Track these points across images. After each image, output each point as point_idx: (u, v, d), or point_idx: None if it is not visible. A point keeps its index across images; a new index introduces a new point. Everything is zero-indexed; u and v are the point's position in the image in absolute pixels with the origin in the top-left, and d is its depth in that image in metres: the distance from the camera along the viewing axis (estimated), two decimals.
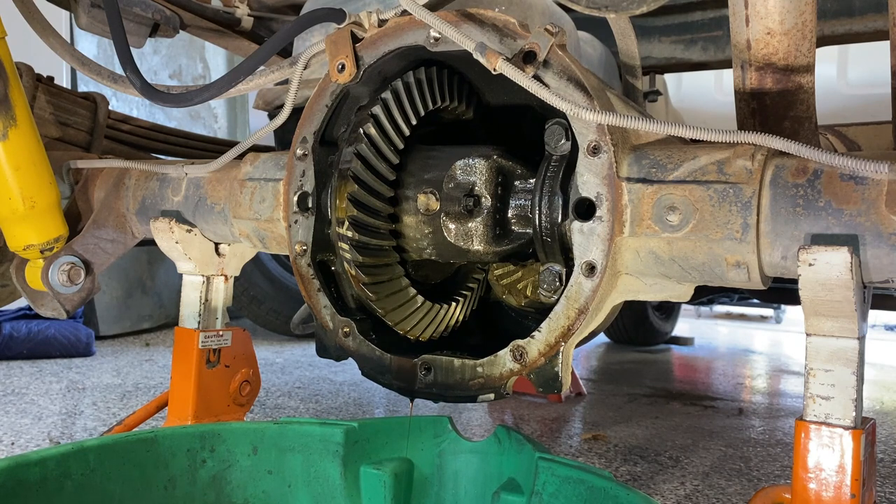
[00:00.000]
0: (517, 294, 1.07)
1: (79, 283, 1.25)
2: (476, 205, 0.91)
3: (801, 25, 0.88)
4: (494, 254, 0.93)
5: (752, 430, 2.24)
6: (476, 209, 0.91)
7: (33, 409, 2.09)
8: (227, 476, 0.99)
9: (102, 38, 3.31)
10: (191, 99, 1.02)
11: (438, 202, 0.92)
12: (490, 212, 0.91)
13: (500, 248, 0.92)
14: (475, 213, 0.91)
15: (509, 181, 0.93)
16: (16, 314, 2.96)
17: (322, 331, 1.03)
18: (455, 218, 0.91)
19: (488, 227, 0.91)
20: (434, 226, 0.93)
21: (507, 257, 0.95)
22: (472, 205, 0.90)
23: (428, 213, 0.93)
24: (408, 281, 0.97)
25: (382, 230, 0.95)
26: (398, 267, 0.97)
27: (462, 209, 0.90)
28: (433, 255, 0.95)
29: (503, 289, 1.09)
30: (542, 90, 0.79)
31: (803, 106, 0.94)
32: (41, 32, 1.35)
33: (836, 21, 1.90)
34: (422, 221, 0.93)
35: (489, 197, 0.91)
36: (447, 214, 0.91)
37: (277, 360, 3.16)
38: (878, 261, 0.73)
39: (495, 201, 0.91)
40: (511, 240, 0.93)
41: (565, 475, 0.90)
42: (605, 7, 1.10)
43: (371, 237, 0.93)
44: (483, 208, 0.91)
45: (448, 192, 0.91)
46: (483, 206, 0.91)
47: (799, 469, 0.77)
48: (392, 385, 0.98)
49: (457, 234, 0.92)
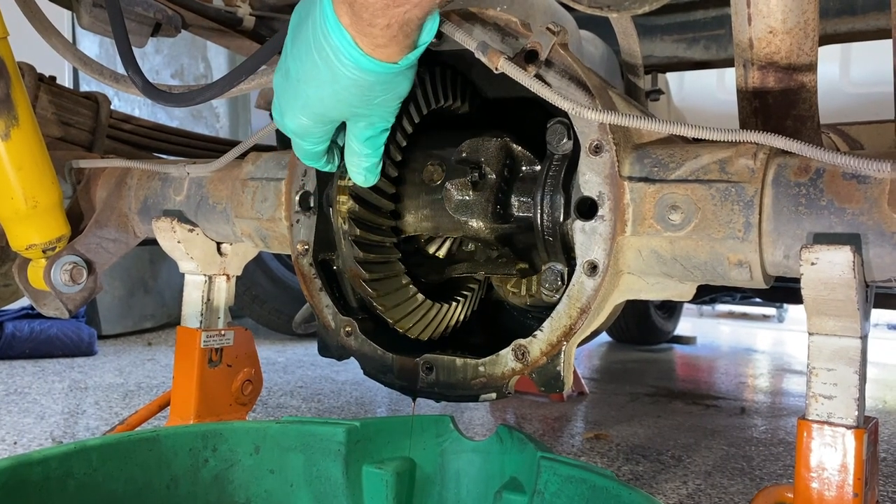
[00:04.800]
0: (519, 293, 1.07)
1: (81, 282, 1.26)
2: (481, 178, 0.91)
3: (803, 24, 0.88)
4: (492, 230, 0.92)
5: (754, 430, 2.24)
6: (481, 182, 0.91)
7: (36, 408, 2.10)
8: (229, 475, 0.99)
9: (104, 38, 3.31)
10: (193, 98, 1.01)
11: (444, 173, 0.92)
12: (493, 189, 0.90)
13: (498, 225, 0.91)
14: (479, 186, 0.91)
15: (517, 165, 0.93)
16: (18, 313, 2.96)
17: (324, 330, 1.03)
18: (458, 188, 0.91)
19: (490, 202, 0.90)
20: (435, 199, 0.93)
21: (503, 239, 0.94)
22: (477, 177, 0.90)
23: (432, 183, 0.92)
24: (409, 279, 0.97)
25: (384, 227, 0.95)
26: (399, 264, 0.96)
27: (467, 180, 0.90)
28: (430, 230, 0.95)
29: (505, 288, 1.09)
30: (544, 89, 0.79)
31: (806, 105, 0.94)
32: (43, 32, 1.35)
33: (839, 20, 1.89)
34: (423, 199, 0.93)
35: (495, 174, 0.90)
36: (451, 184, 0.91)
37: (279, 360, 3.17)
38: (881, 260, 0.73)
39: (500, 180, 0.91)
40: (510, 222, 0.92)
41: (567, 474, 0.90)
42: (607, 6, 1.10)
43: (371, 233, 0.93)
44: (487, 183, 0.90)
45: (454, 166, 0.91)
46: (488, 181, 0.91)
47: (801, 468, 0.77)
48: (394, 384, 0.98)
49: (457, 206, 0.91)
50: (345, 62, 0.71)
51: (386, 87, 0.75)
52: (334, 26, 0.69)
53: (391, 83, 0.75)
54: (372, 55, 0.70)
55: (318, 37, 0.71)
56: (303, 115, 0.79)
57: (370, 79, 0.72)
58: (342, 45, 0.70)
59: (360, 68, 0.71)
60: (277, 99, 0.81)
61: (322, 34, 0.70)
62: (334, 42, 0.70)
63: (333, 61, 0.71)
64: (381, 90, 0.75)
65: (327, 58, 0.71)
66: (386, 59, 0.71)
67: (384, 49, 0.70)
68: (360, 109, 0.77)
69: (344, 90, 0.74)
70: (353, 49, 0.70)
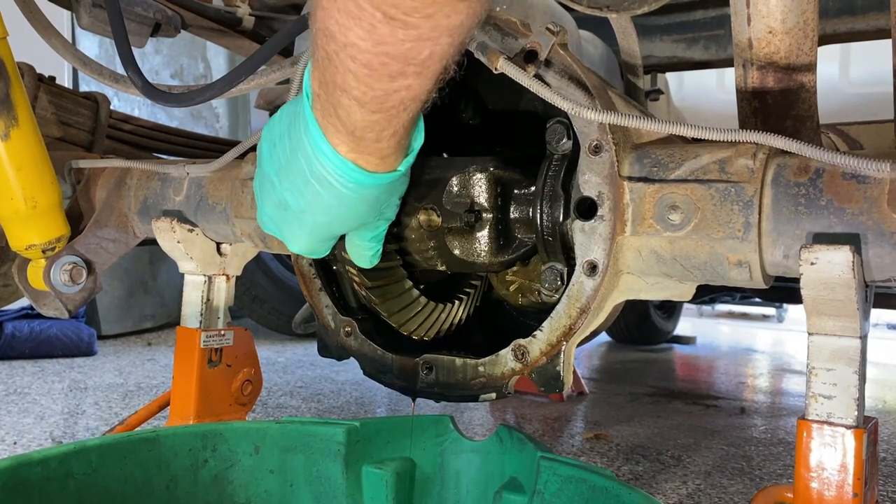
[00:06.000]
0: (519, 293, 1.07)
1: (81, 282, 1.25)
2: (477, 220, 0.89)
3: (802, 24, 0.88)
4: (500, 263, 0.92)
5: (754, 430, 2.24)
6: (478, 224, 0.89)
7: (35, 408, 2.10)
8: (228, 475, 0.99)
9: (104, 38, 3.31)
10: (192, 98, 1.01)
11: (440, 218, 0.89)
12: (492, 224, 0.89)
13: (505, 257, 0.92)
14: (477, 227, 0.89)
15: (508, 191, 0.91)
16: (18, 314, 2.96)
17: (324, 330, 1.03)
18: (458, 234, 0.90)
19: (492, 239, 0.90)
20: (439, 239, 0.92)
21: (513, 263, 0.95)
22: (473, 220, 0.89)
23: (431, 228, 0.91)
24: (411, 283, 0.97)
25: None
26: (401, 269, 0.96)
27: (464, 225, 0.88)
28: (439, 266, 0.94)
29: (505, 287, 1.09)
30: (543, 89, 0.79)
31: (805, 105, 0.94)
32: (43, 32, 1.35)
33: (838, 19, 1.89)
34: (426, 234, 0.92)
35: (490, 209, 0.89)
36: (450, 231, 0.90)
37: (279, 360, 3.17)
38: (881, 259, 0.73)
39: (496, 213, 0.89)
40: (515, 248, 0.92)
41: (567, 474, 0.90)
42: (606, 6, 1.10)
43: None
44: (485, 222, 0.89)
45: (448, 209, 0.89)
46: (484, 219, 0.89)
47: (801, 468, 0.77)
48: (394, 384, 0.98)
49: (462, 250, 0.91)
50: (350, 186, 0.70)
51: (391, 192, 0.76)
52: (334, 158, 0.68)
53: (397, 187, 0.77)
54: (376, 171, 0.70)
55: (316, 170, 0.70)
56: (311, 240, 0.79)
57: (375, 192, 0.73)
58: (345, 173, 0.69)
59: (367, 185, 0.71)
60: (278, 228, 0.80)
61: (321, 167, 0.69)
62: (336, 173, 0.69)
63: (339, 189, 0.70)
64: (387, 196, 0.76)
65: (331, 186, 0.70)
66: (388, 169, 0.71)
67: (388, 160, 0.70)
68: (368, 219, 0.79)
69: (352, 210, 0.74)
70: (357, 172, 0.69)
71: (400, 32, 0.55)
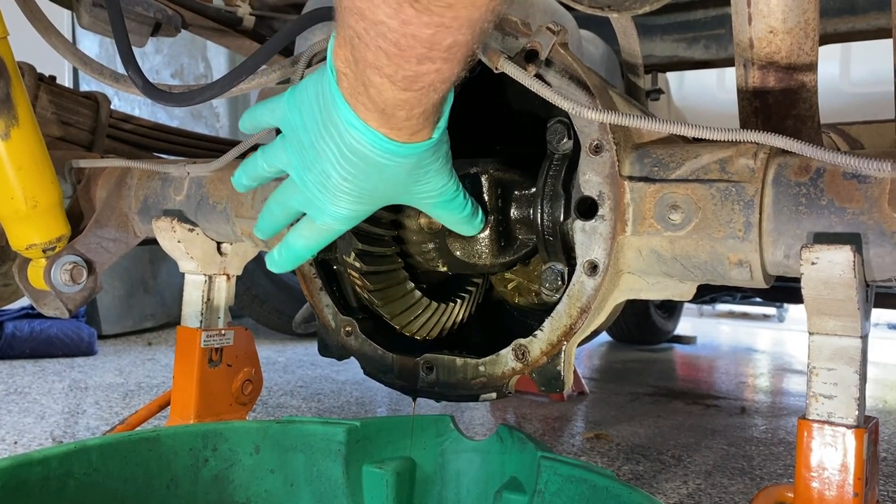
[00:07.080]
0: (519, 292, 1.07)
1: (81, 282, 1.25)
2: None
3: (803, 24, 0.87)
4: (501, 264, 0.93)
5: (754, 429, 2.24)
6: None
7: (36, 408, 2.10)
8: (229, 475, 0.99)
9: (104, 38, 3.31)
10: (193, 98, 1.01)
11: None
12: (493, 226, 0.89)
13: (506, 258, 0.92)
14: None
15: (509, 192, 0.91)
16: (18, 313, 2.96)
17: (324, 330, 1.03)
18: (459, 236, 0.90)
19: (493, 240, 0.90)
20: (440, 241, 0.92)
21: (514, 264, 0.95)
22: None
23: (432, 230, 0.92)
24: (413, 284, 0.97)
25: (385, 238, 0.94)
26: (403, 271, 0.96)
27: None
28: (440, 267, 0.94)
29: (505, 287, 1.09)
30: (544, 89, 0.79)
31: (806, 104, 0.94)
32: (43, 32, 1.35)
33: (839, 19, 1.89)
34: (427, 236, 0.92)
35: (490, 210, 0.89)
36: (451, 233, 0.90)
37: (279, 359, 3.17)
38: (881, 259, 0.73)
39: (497, 214, 0.90)
40: (516, 248, 0.92)
41: (567, 474, 0.90)
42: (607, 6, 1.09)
43: (374, 245, 0.93)
44: (486, 224, 0.89)
45: None
46: (486, 222, 0.89)
47: (801, 468, 0.77)
48: (394, 384, 0.98)
49: (463, 252, 0.91)
50: (386, 157, 0.70)
51: (432, 158, 0.74)
52: (366, 132, 0.68)
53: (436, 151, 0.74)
54: (409, 141, 0.69)
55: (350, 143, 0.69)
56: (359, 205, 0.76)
57: (414, 160, 0.71)
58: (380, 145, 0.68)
59: (401, 155, 0.70)
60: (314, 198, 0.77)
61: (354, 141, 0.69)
62: (371, 145, 0.69)
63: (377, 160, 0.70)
64: (430, 161, 0.74)
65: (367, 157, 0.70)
66: (421, 140, 0.70)
67: (419, 134, 0.69)
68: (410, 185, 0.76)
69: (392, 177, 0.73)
70: (391, 143, 0.69)
71: (424, 17, 0.56)
